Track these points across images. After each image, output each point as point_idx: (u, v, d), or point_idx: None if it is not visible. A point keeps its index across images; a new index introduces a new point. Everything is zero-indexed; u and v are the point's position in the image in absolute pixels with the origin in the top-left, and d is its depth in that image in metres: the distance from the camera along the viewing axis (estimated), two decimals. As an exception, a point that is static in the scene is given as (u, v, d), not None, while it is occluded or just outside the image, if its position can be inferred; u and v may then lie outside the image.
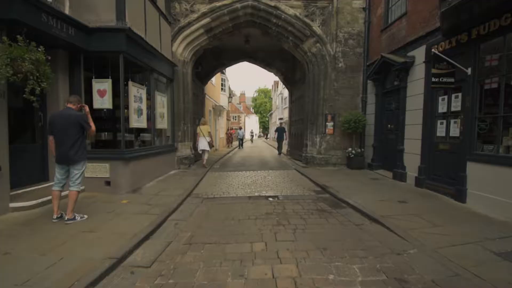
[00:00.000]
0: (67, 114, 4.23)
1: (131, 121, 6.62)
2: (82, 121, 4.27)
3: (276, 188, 7.05)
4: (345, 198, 5.72)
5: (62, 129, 4.17)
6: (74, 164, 4.26)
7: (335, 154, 9.93)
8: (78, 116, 4.27)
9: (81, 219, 4.35)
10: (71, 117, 4.20)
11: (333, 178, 7.98)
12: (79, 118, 4.25)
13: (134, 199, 5.65)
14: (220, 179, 8.35)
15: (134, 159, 6.49)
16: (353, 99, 9.96)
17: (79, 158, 4.28)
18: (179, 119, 9.61)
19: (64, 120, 4.18)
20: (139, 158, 6.75)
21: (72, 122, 4.18)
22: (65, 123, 4.17)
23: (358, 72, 9.93)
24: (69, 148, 4.17)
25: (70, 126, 4.18)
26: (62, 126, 4.17)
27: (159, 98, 8.37)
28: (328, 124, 9.89)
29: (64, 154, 4.19)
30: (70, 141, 4.17)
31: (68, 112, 4.27)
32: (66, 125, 4.16)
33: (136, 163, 6.62)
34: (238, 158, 14.20)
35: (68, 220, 4.22)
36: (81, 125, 4.25)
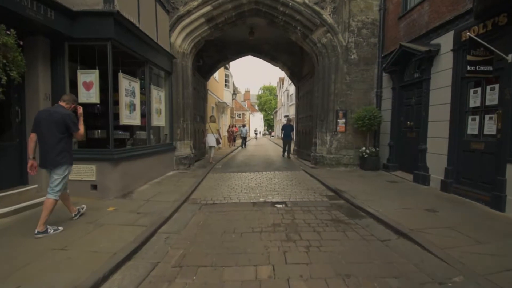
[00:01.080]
0: (54, 111, 3.79)
1: (121, 117, 5.93)
2: (69, 121, 3.77)
3: (283, 192, 6.32)
4: (364, 206, 4.96)
5: (46, 128, 3.69)
6: (55, 168, 3.72)
7: (347, 154, 9.14)
8: (64, 114, 3.78)
9: (54, 232, 3.70)
10: (56, 115, 3.73)
11: (346, 180, 7.22)
12: (66, 117, 3.76)
13: (122, 206, 4.97)
14: (222, 181, 7.64)
15: (125, 160, 5.81)
16: (366, 94, 9.15)
17: (61, 161, 3.74)
18: (178, 115, 8.91)
19: (50, 118, 3.71)
20: (131, 159, 6.06)
21: (56, 121, 3.71)
22: (50, 121, 3.70)
23: (372, 65, 9.12)
24: (51, 149, 3.70)
25: (54, 125, 3.70)
26: (46, 124, 3.69)
27: (155, 93, 7.67)
28: (340, 121, 9.11)
29: (45, 155, 3.73)
30: (53, 141, 3.69)
31: (56, 109, 3.84)
32: (50, 123, 3.70)
33: (127, 164, 5.94)
34: (242, 158, 13.48)
35: (38, 233, 3.56)
36: (67, 125, 3.76)
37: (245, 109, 59.31)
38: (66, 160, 3.80)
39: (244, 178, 8.03)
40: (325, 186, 6.81)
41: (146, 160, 6.80)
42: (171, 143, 8.69)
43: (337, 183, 6.79)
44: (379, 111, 8.54)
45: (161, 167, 7.78)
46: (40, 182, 5.26)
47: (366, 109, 8.46)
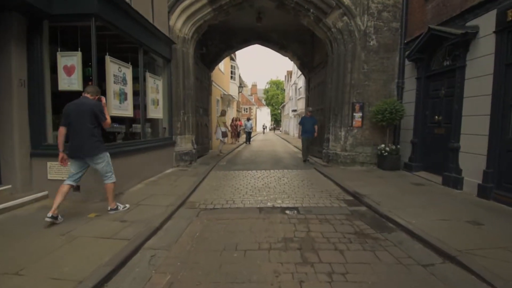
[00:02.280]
0: (82, 103, 3.85)
1: (109, 107, 5.17)
2: (98, 111, 3.87)
3: (294, 195, 5.52)
4: (392, 215, 4.14)
5: (77, 120, 3.77)
6: (93, 157, 3.90)
7: (363, 151, 8.28)
8: (93, 105, 3.86)
9: (123, 209, 4.28)
10: (85, 106, 3.81)
11: (365, 182, 6.39)
12: (94, 107, 3.85)
13: (104, 212, 4.23)
14: (225, 180, 6.87)
15: (113, 157, 5.04)
16: (386, 85, 8.24)
17: (97, 150, 3.90)
18: (178, 107, 8.15)
19: (79, 110, 3.79)
20: (121, 155, 5.32)
21: (87, 111, 3.79)
22: (80, 112, 3.78)
23: (393, 52, 8.18)
24: (85, 139, 3.80)
25: (85, 116, 3.79)
26: (77, 116, 3.77)
27: (151, 81, 6.90)
28: (356, 115, 8.23)
29: (79, 147, 3.80)
30: (86, 133, 3.80)
31: (83, 101, 3.88)
32: (81, 114, 3.77)
33: (116, 161, 5.17)
34: (248, 154, 12.69)
35: (111, 210, 4.17)
36: (96, 115, 3.85)
37: (252, 103, 58.37)
38: (101, 148, 3.97)
39: (250, 177, 7.25)
40: (342, 188, 5.99)
41: (139, 156, 6.06)
42: (170, 138, 7.95)
43: (355, 185, 5.96)
44: (401, 104, 7.63)
45: (158, 164, 7.05)
46: (15, 182, 4.56)
47: (387, 102, 7.56)
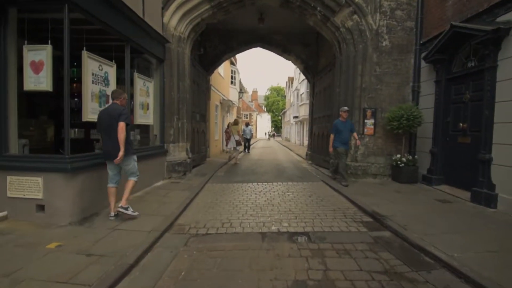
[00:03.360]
0: (112, 109, 4.11)
1: (85, 112, 4.42)
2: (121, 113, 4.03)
3: (302, 214, 4.71)
4: (426, 246, 3.33)
5: (108, 126, 4.04)
6: (123, 161, 4.10)
7: (375, 162, 7.49)
8: (119, 110, 4.07)
9: (131, 212, 4.24)
10: (113, 112, 4.04)
11: (381, 198, 5.59)
12: (119, 111, 4.06)
13: (72, 239, 3.44)
14: (222, 195, 6.06)
15: (86, 170, 4.28)
16: (400, 89, 7.49)
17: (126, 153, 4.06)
18: (171, 112, 7.38)
19: (109, 116, 4.04)
20: (98, 168, 4.53)
21: (115, 118, 3.99)
22: (110, 119, 4.02)
23: (407, 53, 7.46)
24: (115, 144, 3.98)
25: (114, 122, 3.98)
26: (107, 122, 4.04)
27: (140, 83, 6.15)
28: (367, 122, 7.46)
29: (110, 150, 4.05)
30: (114, 137, 3.97)
31: (112, 107, 4.16)
32: (110, 121, 4.01)
33: (92, 175, 4.41)
34: (248, 163, 11.88)
35: (121, 208, 4.15)
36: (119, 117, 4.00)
37: (253, 110, 57.79)
38: (129, 151, 4.18)
39: (251, 191, 6.44)
40: (357, 206, 5.18)
41: (123, 168, 5.26)
42: (161, 146, 7.16)
43: (372, 202, 5.16)
44: (418, 109, 6.86)
45: (146, 176, 6.23)
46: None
47: (403, 107, 6.79)
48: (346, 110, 7.08)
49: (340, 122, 7.03)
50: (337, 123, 7.03)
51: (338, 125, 6.98)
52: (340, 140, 6.92)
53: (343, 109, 7.08)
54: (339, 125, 6.97)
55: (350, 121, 7.21)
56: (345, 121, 7.03)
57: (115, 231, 3.77)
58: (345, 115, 7.03)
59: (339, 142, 6.92)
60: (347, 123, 7.03)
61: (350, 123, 7.15)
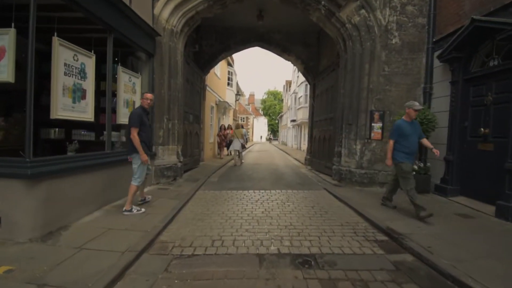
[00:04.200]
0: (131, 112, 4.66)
1: (54, 108, 3.76)
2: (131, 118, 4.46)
3: (306, 230, 4.07)
4: (463, 277, 2.69)
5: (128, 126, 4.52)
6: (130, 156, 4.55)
7: (383, 169, 6.88)
8: (132, 113, 4.52)
9: (137, 211, 4.47)
10: (130, 115, 4.53)
11: (393, 210, 4.98)
12: (130, 115, 4.51)
13: (27, 262, 2.77)
14: (214, 204, 5.40)
15: (54, 176, 3.61)
16: (410, 90, 6.92)
17: (131, 151, 4.50)
18: (160, 112, 6.73)
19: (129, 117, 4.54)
20: (68, 174, 3.87)
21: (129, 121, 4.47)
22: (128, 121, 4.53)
23: (419, 52, 6.90)
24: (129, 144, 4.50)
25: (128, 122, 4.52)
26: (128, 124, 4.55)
27: (125, 78, 5.51)
28: (375, 126, 6.87)
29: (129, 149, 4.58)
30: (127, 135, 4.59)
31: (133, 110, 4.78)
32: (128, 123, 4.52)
33: (61, 182, 3.74)
34: (243, 168, 11.21)
35: (125, 211, 4.39)
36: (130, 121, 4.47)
37: (249, 113, 57.36)
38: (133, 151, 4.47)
39: (246, 200, 5.79)
40: (367, 220, 4.55)
41: (100, 174, 4.60)
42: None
43: (384, 216, 4.55)
44: (432, 113, 6.28)
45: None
46: None
47: (415, 110, 6.20)
48: (417, 107, 4.75)
49: (404, 123, 4.80)
50: (400, 124, 4.80)
51: (403, 127, 4.75)
52: (405, 150, 4.70)
53: (412, 105, 4.76)
54: (404, 127, 4.74)
55: (417, 122, 5.11)
56: (411, 122, 4.83)
57: (82, 251, 3.09)
58: (414, 114, 4.78)
59: (404, 153, 4.72)
60: (414, 125, 4.87)
61: (419, 125, 5.07)
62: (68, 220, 3.86)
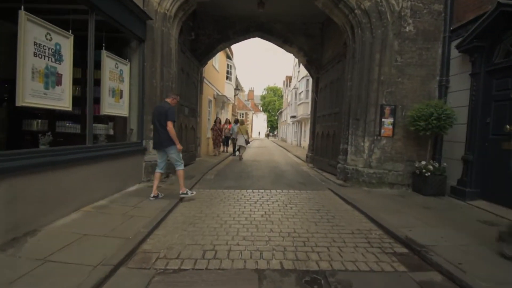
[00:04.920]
0: (161, 107, 4.86)
1: (20, 93, 3.20)
2: (168, 112, 4.73)
3: (312, 239, 3.54)
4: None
5: (158, 120, 4.76)
6: (167, 148, 4.81)
7: (393, 169, 6.35)
8: (167, 108, 4.77)
9: (190, 194, 5.01)
10: (163, 109, 4.79)
11: (409, 216, 4.46)
12: (168, 110, 4.74)
13: None
14: (209, 206, 4.86)
15: (19, 173, 3.07)
16: (425, 83, 6.37)
17: (170, 143, 4.77)
18: (152, 103, 6.15)
19: (159, 112, 4.80)
20: (40, 170, 3.32)
21: (163, 113, 4.72)
22: (159, 114, 4.76)
23: (434, 41, 6.34)
24: (163, 135, 4.74)
25: (162, 117, 4.71)
26: (158, 117, 4.77)
27: (111, 64, 4.95)
28: (385, 121, 6.33)
29: (159, 141, 4.83)
30: (163, 129, 4.71)
31: (163, 105, 4.91)
32: (160, 117, 4.75)
33: (29, 180, 3.20)
34: (242, 165, 10.66)
35: (182, 194, 4.93)
36: (166, 115, 4.70)
37: (249, 109, 56.68)
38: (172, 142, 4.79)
39: (244, 200, 5.25)
40: (381, 227, 4.02)
41: (79, 171, 4.05)
42: (138, 143, 5.95)
43: (400, 223, 4.03)
44: (451, 107, 5.73)
45: (116, 180, 5.04)
46: None
47: (431, 104, 5.67)
48: None
49: None
50: None
51: None
52: None
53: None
54: None
55: None
56: None
57: (46, 265, 2.56)
58: None
59: None
60: None
61: None
62: (38, 223, 3.33)
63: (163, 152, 4.92)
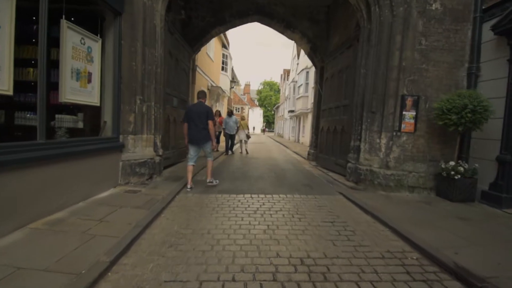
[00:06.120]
0: (200, 106, 5.38)
1: None
2: (210, 113, 5.35)
3: (333, 268, 2.65)
4: None
5: (197, 118, 5.24)
6: (205, 144, 5.41)
7: (414, 170, 5.49)
8: (207, 108, 5.39)
9: (215, 183, 5.67)
10: (202, 108, 5.32)
11: (446, 230, 3.60)
12: (208, 110, 5.36)
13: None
14: (197, 218, 3.92)
15: None
16: (452, 71, 5.48)
17: (208, 139, 5.37)
18: (132, 90, 5.16)
19: (197, 111, 5.28)
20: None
21: (203, 113, 5.26)
22: (198, 113, 5.26)
23: (463, 22, 5.44)
24: (201, 131, 5.26)
25: (202, 116, 5.24)
26: (196, 116, 5.25)
27: (74, 38, 3.93)
28: (407, 115, 5.43)
29: (196, 137, 5.30)
30: (201, 127, 5.25)
31: (201, 105, 5.39)
32: (198, 115, 5.25)
33: None
34: (238, 163, 9.72)
35: (209, 182, 5.60)
36: (209, 115, 5.29)
37: (245, 103, 55.64)
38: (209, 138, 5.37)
39: (242, 209, 4.33)
40: (416, 248, 3.13)
41: (26, 174, 3.08)
42: (114, 138, 4.95)
43: (440, 242, 3.17)
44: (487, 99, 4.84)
45: (83, 184, 4.06)
46: None
47: (465, 94, 4.78)
48: None
49: None
50: None
51: None
52: None
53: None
54: None
55: None
56: None
57: None
58: None
59: None
60: None
61: None
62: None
63: (197, 147, 5.39)
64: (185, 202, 4.59)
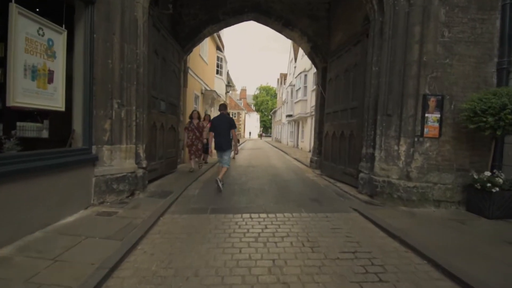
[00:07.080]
0: (223, 117, 6.05)
1: None
2: (233, 123, 6.07)
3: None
4: None
5: (221, 128, 5.91)
6: (227, 151, 5.99)
7: (439, 181, 4.72)
8: (230, 119, 6.11)
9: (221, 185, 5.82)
10: (225, 118, 6.03)
11: (500, 263, 2.83)
12: (231, 120, 6.08)
13: None
14: (182, 252, 3.09)
15: None
16: (479, 66, 4.76)
17: (230, 146, 5.99)
18: (107, 92, 4.37)
19: (221, 121, 5.97)
20: None
21: (226, 122, 5.95)
22: (222, 123, 5.94)
23: (491, 11, 4.75)
24: (225, 139, 5.92)
25: (225, 126, 5.92)
26: (221, 125, 5.93)
27: (29, 27, 3.16)
28: (430, 117, 4.69)
29: (220, 144, 5.94)
30: (225, 135, 5.93)
31: (224, 116, 6.08)
32: (223, 125, 5.93)
33: None
34: (234, 172, 8.90)
35: (220, 181, 5.79)
36: (232, 125, 6.01)
37: (241, 108, 55.03)
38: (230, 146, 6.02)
39: (239, 235, 3.52)
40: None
41: None
42: (85, 150, 4.13)
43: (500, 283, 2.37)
44: (528, 97, 4.11)
45: (42, 208, 3.24)
46: None
47: (503, 93, 4.05)
48: None
49: None
50: None
51: None
52: None
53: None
54: None
55: None
56: None
57: None
58: None
59: None
60: None
61: None
62: None
63: (221, 152, 5.99)
64: (170, 226, 3.77)
